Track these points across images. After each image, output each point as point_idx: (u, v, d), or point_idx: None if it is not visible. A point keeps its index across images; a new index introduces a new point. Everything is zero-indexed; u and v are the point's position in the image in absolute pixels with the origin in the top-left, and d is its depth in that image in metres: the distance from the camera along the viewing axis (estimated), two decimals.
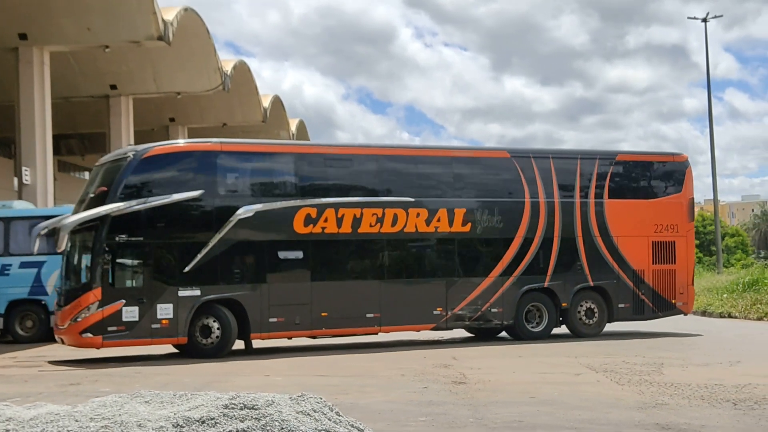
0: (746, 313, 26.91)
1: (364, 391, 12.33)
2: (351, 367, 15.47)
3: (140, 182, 17.00)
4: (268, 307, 17.56)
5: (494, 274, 19.56)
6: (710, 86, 47.27)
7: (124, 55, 35.15)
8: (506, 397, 11.56)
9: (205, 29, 36.95)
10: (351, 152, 19.38)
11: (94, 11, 30.25)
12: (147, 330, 16.65)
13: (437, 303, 19.03)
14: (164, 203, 16.89)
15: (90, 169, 53.61)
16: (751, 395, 11.30)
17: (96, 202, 16.90)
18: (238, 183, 17.84)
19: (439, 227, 19.14)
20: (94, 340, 16.48)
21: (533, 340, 19.59)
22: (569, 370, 14.34)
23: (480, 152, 20.63)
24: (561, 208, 20.23)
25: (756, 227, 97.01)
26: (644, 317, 21.09)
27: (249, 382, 13.13)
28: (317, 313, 17.96)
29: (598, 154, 21.27)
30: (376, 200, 18.69)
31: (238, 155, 18.09)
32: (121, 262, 16.82)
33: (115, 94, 37.43)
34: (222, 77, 38.58)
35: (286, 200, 17.89)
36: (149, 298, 16.67)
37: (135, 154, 17.07)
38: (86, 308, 16.38)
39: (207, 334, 17.18)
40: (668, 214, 21.21)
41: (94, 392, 11.77)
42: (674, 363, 15.07)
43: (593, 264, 20.42)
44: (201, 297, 17.03)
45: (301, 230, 17.94)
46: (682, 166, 21.70)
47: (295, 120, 56.26)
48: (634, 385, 12.37)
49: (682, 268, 21.21)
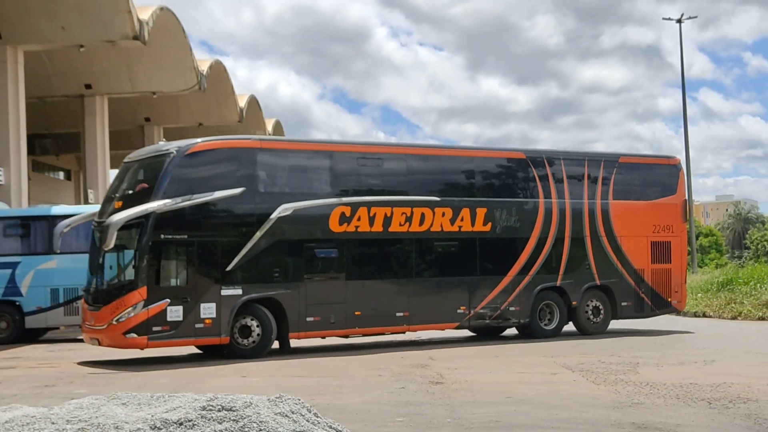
0: (720, 313, 27.12)
1: (342, 391, 12.32)
2: (328, 367, 15.46)
3: (183, 179, 16.57)
4: (305, 306, 17.49)
5: (512, 273, 19.86)
6: (685, 87, 47.76)
7: (99, 54, 34.93)
8: (483, 397, 11.59)
9: (181, 29, 36.79)
10: (383, 151, 19.44)
11: (68, 10, 30.04)
12: (191, 330, 16.35)
13: (461, 302, 19.26)
14: (207, 200, 16.63)
15: (65, 169, 53.35)
16: (726, 394, 11.38)
17: (138, 199, 16.48)
18: (277, 181, 17.68)
19: (462, 227, 19.34)
20: (139, 340, 16.06)
21: (546, 338, 19.95)
22: (546, 370, 14.40)
23: (497, 153, 20.83)
24: (571, 208, 20.65)
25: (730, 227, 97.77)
26: (644, 315, 21.74)
27: (226, 384, 13.10)
28: (351, 312, 17.99)
29: (603, 157, 21.78)
30: (405, 199, 18.78)
31: (276, 152, 17.95)
32: (166, 261, 16.39)
33: (90, 93, 37.15)
34: (198, 77, 38.42)
35: (322, 199, 17.87)
36: (193, 297, 16.35)
37: (178, 150, 16.68)
38: (131, 308, 15.94)
39: (246, 334, 16.99)
40: (664, 215, 21.90)
41: (69, 394, 11.70)
42: (649, 362, 15.17)
43: (600, 263, 20.95)
44: (242, 296, 16.85)
45: (337, 229, 17.94)
46: (676, 169, 22.51)
47: (271, 120, 56.13)
48: (610, 385, 12.43)
49: (676, 268, 21.99)
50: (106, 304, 16.38)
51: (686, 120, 48.01)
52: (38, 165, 48.73)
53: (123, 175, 17.73)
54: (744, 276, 31.16)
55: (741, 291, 28.69)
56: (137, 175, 17.35)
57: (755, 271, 32.74)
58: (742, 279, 30.50)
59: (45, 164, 50.47)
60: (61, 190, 51.33)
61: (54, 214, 23.10)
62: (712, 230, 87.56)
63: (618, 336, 20.50)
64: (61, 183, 53.33)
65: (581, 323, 20.82)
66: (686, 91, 47.69)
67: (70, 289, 22.13)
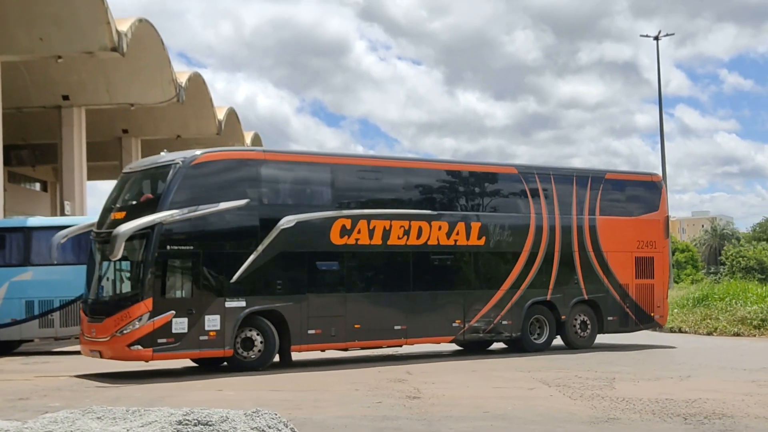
0: (696, 328, 27.29)
1: (318, 406, 12.28)
2: (305, 382, 15.41)
3: (189, 189, 16.45)
4: (307, 319, 17.46)
5: (504, 287, 20.00)
6: (662, 103, 48.03)
7: (77, 65, 34.76)
8: (460, 411, 11.59)
9: (160, 41, 36.69)
10: (383, 164, 19.41)
11: (46, 21, 29.90)
12: (195, 342, 16.23)
13: (456, 315, 19.36)
14: (213, 212, 16.53)
15: (41, 180, 53.00)
16: (701, 410, 11.43)
17: (142, 210, 16.35)
18: (280, 192, 17.71)
19: (457, 240, 19.47)
20: (144, 352, 15.91)
21: (536, 352, 20.06)
22: (522, 385, 14.42)
23: (491, 167, 21.09)
24: (560, 223, 20.84)
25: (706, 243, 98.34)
26: (628, 329, 22.06)
27: (202, 397, 13.03)
28: (351, 325, 18.01)
29: (590, 173, 22.00)
30: (403, 212, 18.84)
31: (280, 164, 17.87)
32: (172, 272, 16.27)
33: (68, 104, 36.91)
34: (176, 89, 38.30)
35: (324, 211, 17.87)
36: (198, 309, 16.25)
37: (184, 161, 16.56)
38: (137, 319, 15.77)
39: (248, 346, 16.91)
40: (648, 231, 22.26)
41: (43, 407, 11.61)
42: (625, 378, 15.21)
43: (587, 278, 21.17)
44: (246, 308, 16.76)
45: (337, 241, 17.96)
46: (658, 186, 22.99)
47: (250, 133, 55.99)
48: (586, 400, 12.46)
49: (659, 283, 22.34)
50: (110, 315, 16.20)
51: (663, 136, 48.33)
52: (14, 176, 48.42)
53: (124, 185, 17.57)
54: (719, 292, 31.36)
55: (716, 307, 28.86)
56: (141, 186, 17.25)
57: (731, 287, 32.95)
58: (717, 295, 30.68)
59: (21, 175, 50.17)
60: (37, 201, 51.01)
61: (29, 226, 22.97)
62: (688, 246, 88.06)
63: (595, 351, 20.55)
64: (38, 194, 53.00)
65: (569, 337, 21.00)
66: (663, 108, 48.02)
67: (45, 301, 21.98)
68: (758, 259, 71.69)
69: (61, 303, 22.03)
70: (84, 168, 37.21)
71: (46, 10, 29.65)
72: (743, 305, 28.27)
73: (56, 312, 22.05)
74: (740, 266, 70.51)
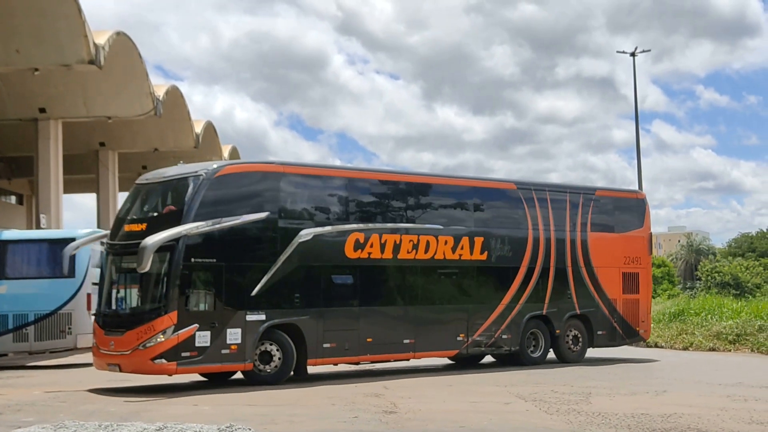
0: (672, 343, 27.39)
1: (294, 420, 12.23)
2: (281, 396, 15.33)
3: (212, 202, 16.30)
4: (322, 332, 17.43)
5: (505, 302, 20.19)
6: (638, 119, 48.36)
7: (54, 78, 34.63)
8: (437, 426, 11.57)
9: (138, 54, 36.64)
10: (394, 178, 19.47)
11: (23, 33, 29.80)
12: (217, 355, 16.08)
13: (460, 329, 19.50)
14: (235, 224, 16.40)
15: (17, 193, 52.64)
16: (677, 424, 11.47)
17: (165, 222, 16.12)
18: (298, 205, 17.61)
19: (462, 255, 19.57)
20: (168, 366, 15.69)
21: (533, 365, 20.30)
22: (499, 399, 14.42)
23: (491, 183, 21.21)
24: (555, 238, 21.13)
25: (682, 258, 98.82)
26: (616, 344, 22.47)
27: (177, 411, 12.95)
28: (363, 339, 18.03)
29: (582, 190, 22.42)
30: (413, 227, 18.92)
31: (298, 177, 17.81)
32: (195, 285, 16.06)
33: (44, 117, 36.73)
34: (154, 102, 38.23)
35: (339, 224, 17.90)
36: (220, 323, 16.10)
37: (207, 173, 16.43)
38: (160, 333, 15.56)
39: (266, 360, 16.81)
40: (633, 247, 22.76)
41: (16, 422, 11.49)
42: (602, 392, 15.25)
43: (579, 293, 21.50)
44: (266, 321, 16.66)
45: (351, 255, 17.97)
46: (643, 203, 23.59)
47: (228, 146, 55.93)
48: (562, 414, 12.47)
49: (644, 298, 22.91)
50: (131, 328, 15.95)
51: (639, 152, 48.53)
52: None
53: (140, 196, 17.33)
54: (695, 307, 31.53)
55: (692, 322, 29.00)
56: (161, 197, 17.05)
57: (706, 302, 33.16)
58: (693, 310, 30.85)
59: None
60: (12, 214, 50.72)
61: (4, 239, 22.81)
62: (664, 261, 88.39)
63: (569, 366, 20.59)
64: (13, 207, 52.70)
65: (562, 351, 21.26)
66: (639, 123, 48.38)
67: (19, 315, 21.80)
68: (733, 274, 72.11)
69: (36, 317, 21.87)
70: (60, 181, 37.03)
71: (23, 22, 29.57)
72: (719, 320, 28.44)
73: (31, 326, 21.87)
74: (716, 281, 70.89)
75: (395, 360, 19.31)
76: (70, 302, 21.92)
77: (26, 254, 22.86)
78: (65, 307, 21.90)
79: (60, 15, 29.59)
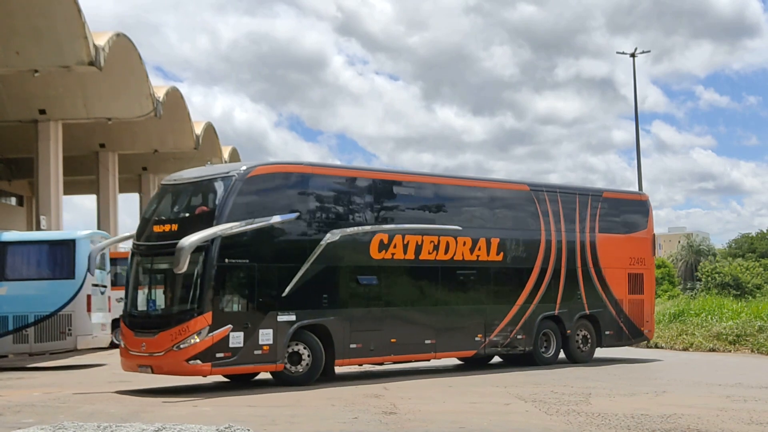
0: (672, 343, 27.41)
1: (294, 421, 12.23)
2: (280, 397, 15.33)
3: (245, 202, 16.33)
4: (349, 332, 17.50)
5: (519, 302, 20.39)
6: (638, 119, 48.38)
7: (54, 79, 34.65)
8: (436, 427, 11.57)
9: (137, 55, 36.67)
10: (415, 179, 19.57)
11: (23, 35, 29.81)
12: (250, 356, 16.10)
13: (478, 330, 19.64)
14: (266, 225, 16.43)
15: (17, 194, 52.65)
16: (677, 425, 11.47)
17: (198, 222, 16.12)
18: (325, 206, 17.66)
19: (479, 256, 19.74)
20: (202, 367, 15.69)
21: (546, 365, 20.51)
22: (499, 400, 14.42)
23: (506, 185, 21.57)
24: (566, 239, 21.36)
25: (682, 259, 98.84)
26: (622, 343, 22.90)
27: (176, 412, 12.95)
28: (388, 339, 18.12)
29: (590, 191, 22.74)
30: (434, 228, 19.04)
31: (326, 178, 17.89)
32: (229, 286, 16.07)
33: (44, 119, 36.75)
34: (154, 103, 38.25)
35: (364, 225, 17.99)
36: (253, 323, 16.11)
37: (239, 174, 16.42)
38: (196, 334, 15.55)
39: (295, 360, 16.82)
40: (638, 249, 23.12)
41: (16, 423, 11.49)
42: (601, 393, 15.25)
43: (588, 293, 21.77)
44: (296, 322, 16.69)
45: (376, 255, 18.06)
46: (646, 205, 24.01)
47: (228, 147, 55.99)
48: (562, 415, 12.47)
49: (648, 298, 23.23)
50: (165, 329, 15.91)
51: (639, 152, 48.56)
52: None
53: (168, 196, 17.31)
54: (695, 308, 31.55)
55: (692, 322, 29.02)
56: (192, 198, 17.04)
57: (706, 302, 33.18)
58: (693, 311, 30.88)
59: None
60: (12, 215, 50.75)
61: (4, 241, 22.83)
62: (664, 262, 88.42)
63: (570, 366, 20.61)
64: (13, 209, 52.72)
65: (572, 351, 21.47)
66: (639, 124, 48.46)
67: (19, 316, 21.82)
68: (734, 275, 72.16)
69: (36, 318, 21.89)
70: (60, 182, 37.05)
71: (23, 23, 29.58)
72: (719, 321, 28.47)
73: (31, 327, 21.89)
74: (716, 282, 70.95)
75: (416, 360, 19.50)
76: (70, 303, 21.94)
77: (26, 255, 22.88)
78: (65, 308, 21.92)
79: (60, 16, 29.61)
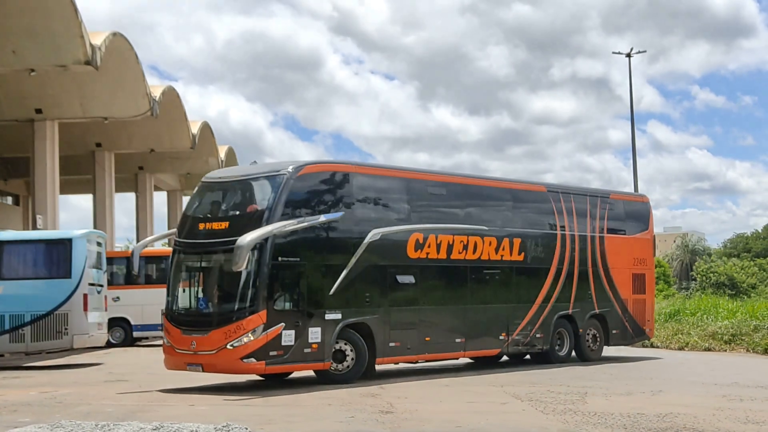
0: (668, 343, 27.47)
1: (290, 420, 12.25)
2: (277, 396, 15.35)
3: (296, 201, 16.46)
4: (389, 331, 17.69)
5: (538, 301, 20.74)
6: (634, 120, 48.31)
7: (50, 79, 34.57)
8: (433, 426, 11.59)
9: (134, 54, 36.61)
10: (448, 180, 19.89)
11: (19, 34, 29.75)
12: (301, 354, 16.17)
13: (502, 328, 19.94)
14: (315, 224, 16.54)
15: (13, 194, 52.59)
16: (673, 424, 11.50)
17: (249, 220, 16.19)
18: (367, 205, 17.81)
19: (503, 255, 20.05)
20: (257, 365, 15.77)
21: (560, 363, 20.87)
22: (495, 399, 14.44)
23: (527, 186, 21.95)
24: (579, 240, 21.77)
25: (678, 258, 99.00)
26: (627, 342, 23.64)
27: (174, 412, 12.96)
28: (422, 338, 18.35)
29: (599, 193, 23.36)
30: (463, 227, 19.30)
31: (369, 177, 18.13)
32: (282, 284, 16.17)
33: (41, 118, 36.64)
34: (150, 103, 38.19)
35: (403, 224, 18.16)
36: (303, 322, 16.21)
37: (290, 172, 16.47)
38: (250, 332, 15.59)
39: (339, 359, 16.92)
40: (640, 249, 23.70)
41: (12, 422, 11.50)
42: (598, 392, 15.28)
43: (598, 293, 22.20)
44: (341, 320, 16.80)
45: (413, 255, 18.26)
46: (647, 207, 24.61)
47: (224, 147, 55.90)
48: (558, 414, 12.50)
49: (649, 298, 23.85)
50: (217, 327, 15.92)
51: (635, 152, 48.61)
52: None
53: (217, 195, 17.43)
54: (691, 307, 31.66)
55: (688, 322, 29.10)
56: (242, 196, 17.13)
57: (702, 302, 33.29)
58: (689, 310, 30.98)
59: None
60: (9, 215, 50.67)
61: (0, 240, 22.80)
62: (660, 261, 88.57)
63: (566, 365, 20.65)
64: (9, 208, 52.64)
65: (583, 350, 21.89)
66: (635, 124, 48.40)
67: (16, 315, 21.81)
68: (729, 274, 72.31)
69: (33, 317, 21.88)
70: (57, 182, 36.97)
71: (19, 22, 29.52)
72: (714, 320, 28.54)
73: (27, 326, 21.88)
74: (711, 282, 71.11)
75: (447, 359, 19.86)
76: (66, 303, 21.94)
77: (23, 255, 22.87)
78: (62, 307, 21.92)
79: (56, 16, 29.55)
